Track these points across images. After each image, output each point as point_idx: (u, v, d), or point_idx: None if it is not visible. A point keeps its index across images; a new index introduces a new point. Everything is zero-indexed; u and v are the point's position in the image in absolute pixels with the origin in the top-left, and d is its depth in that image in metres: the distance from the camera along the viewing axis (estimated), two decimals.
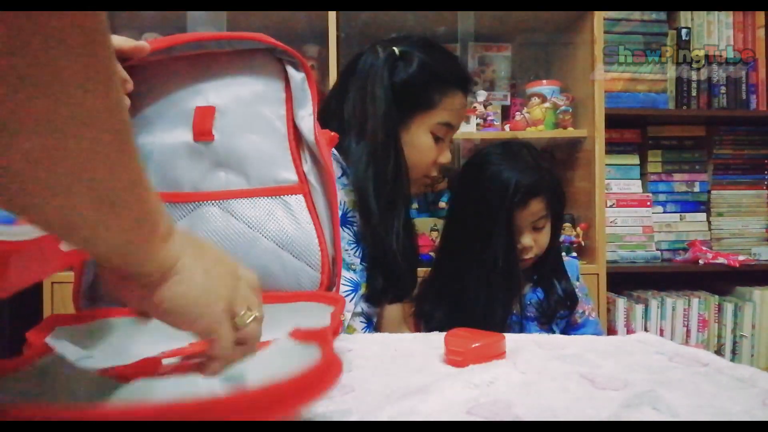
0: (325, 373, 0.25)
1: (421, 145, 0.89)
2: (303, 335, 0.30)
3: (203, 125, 0.56)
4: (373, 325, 0.91)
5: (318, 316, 0.40)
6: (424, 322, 0.97)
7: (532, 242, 0.94)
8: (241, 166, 0.58)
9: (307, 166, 0.60)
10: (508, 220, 0.89)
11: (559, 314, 0.97)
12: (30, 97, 0.15)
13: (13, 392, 0.31)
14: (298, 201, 0.59)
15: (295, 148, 0.60)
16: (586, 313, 1.00)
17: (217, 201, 0.56)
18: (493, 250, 0.89)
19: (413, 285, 0.94)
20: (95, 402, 0.30)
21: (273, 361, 0.32)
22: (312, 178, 0.60)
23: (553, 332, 0.97)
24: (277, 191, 0.58)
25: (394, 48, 0.87)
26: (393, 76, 0.85)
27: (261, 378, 0.31)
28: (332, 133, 0.62)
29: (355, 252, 0.81)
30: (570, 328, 1.00)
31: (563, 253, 1.10)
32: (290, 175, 0.59)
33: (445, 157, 0.93)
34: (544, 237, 0.95)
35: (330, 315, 0.39)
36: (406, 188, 0.88)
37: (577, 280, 1.04)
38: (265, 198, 0.57)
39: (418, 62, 0.86)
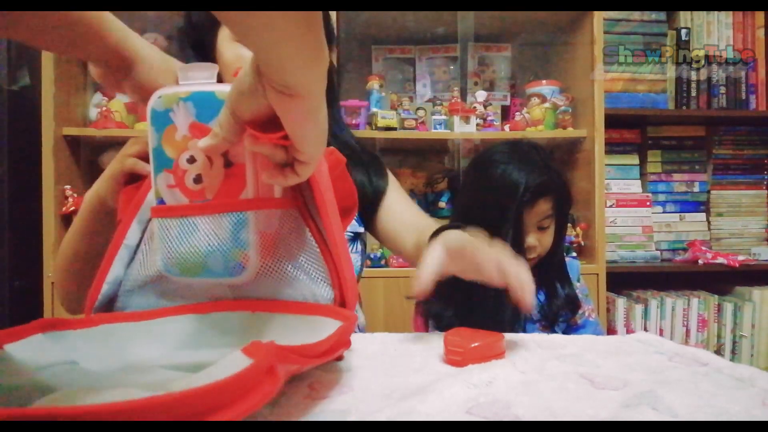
0: (236, 385, 0.25)
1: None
2: (250, 351, 0.30)
3: None
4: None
5: (327, 332, 0.40)
6: (433, 322, 0.97)
7: (536, 242, 0.93)
8: None
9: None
10: (516, 219, 0.89)
11: (561, 317, 0.97)
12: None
13: None
14: (294, 215, 0.56)
15: None
16: (586, 313, 1.00)
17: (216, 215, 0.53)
18: None
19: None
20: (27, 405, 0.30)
21: (215, 373, 0.31)
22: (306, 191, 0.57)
23: (555, 333, 0.97)
24: (275, 204, 0.56)
25: None
26: None
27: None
28: (339, 155, 0.56)
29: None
30: (570, 328, 0.99)
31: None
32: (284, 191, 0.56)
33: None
34: (548, 237, 0.95)
35: (331, 332, 0.38)
36: None
37: (578, 280, 1.04)
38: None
39: None
